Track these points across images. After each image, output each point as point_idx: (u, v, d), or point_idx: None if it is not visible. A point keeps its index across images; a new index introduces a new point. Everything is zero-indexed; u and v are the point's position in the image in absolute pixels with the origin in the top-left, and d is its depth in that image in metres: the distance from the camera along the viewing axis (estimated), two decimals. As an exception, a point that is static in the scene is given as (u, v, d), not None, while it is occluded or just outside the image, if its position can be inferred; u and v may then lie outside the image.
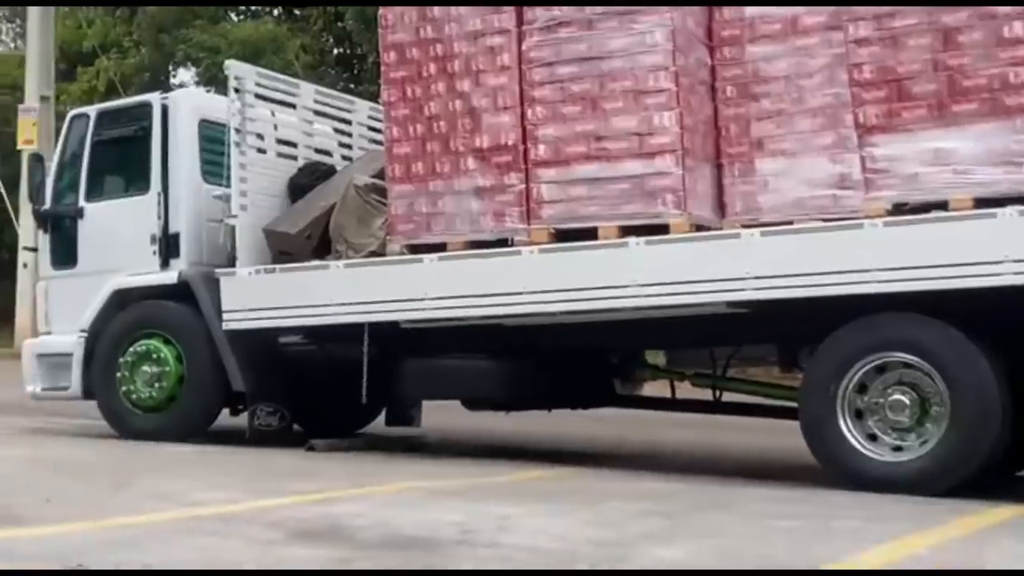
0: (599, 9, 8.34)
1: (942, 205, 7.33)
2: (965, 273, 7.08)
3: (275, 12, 25.77)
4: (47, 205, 10.90)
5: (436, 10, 9.00)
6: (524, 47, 8.62)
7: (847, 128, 7.78)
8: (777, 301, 7.72)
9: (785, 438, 8.52)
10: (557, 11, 8.51)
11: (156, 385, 10.00)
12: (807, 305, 7.64)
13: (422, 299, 8.87)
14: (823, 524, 6.15)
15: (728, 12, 8.33)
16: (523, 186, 8.60)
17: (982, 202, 7.18)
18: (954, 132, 7.35)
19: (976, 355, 7.19)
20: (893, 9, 7.52)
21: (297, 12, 24.64)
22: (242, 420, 10.15)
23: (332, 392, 9.93)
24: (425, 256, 8.91)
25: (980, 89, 7.29)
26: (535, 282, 8.42)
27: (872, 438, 7.52)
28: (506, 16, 8.70)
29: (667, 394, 9.94)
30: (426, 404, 10.85)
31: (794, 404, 8.14)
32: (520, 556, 5.02)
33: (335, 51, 22.96)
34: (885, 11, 7.56)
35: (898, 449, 7.47)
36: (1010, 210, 7.01)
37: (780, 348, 8.52)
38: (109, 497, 6.62)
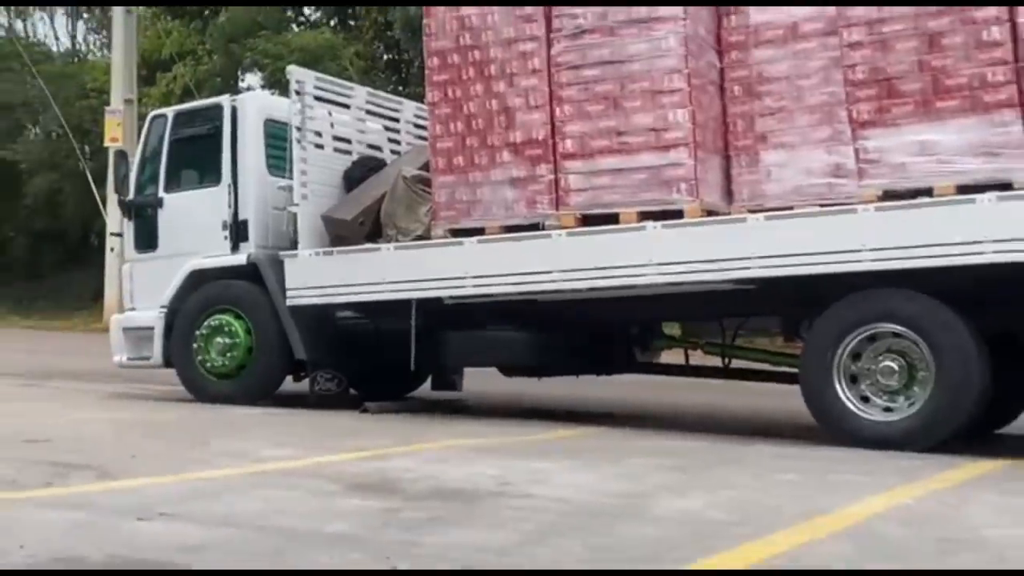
0: (620, 17, 8.32)
1: (927, 191, 7.30)
2: (948, 252, 7.06)
3: (331, 22, 25.78)
4: (131, 196, 10.96)
5: (474, 19, 8.99)
6: (553, 52, 8.60)
7: (842, 123, 7.73)
8: (780, 278, 7.70)
9: (788, 400, 8.51)
10: (582, 19, 8.49)
11: (228, 355, 10.07)
12: (806, 282, 7.63)
13: (463, 277, 8.90)
14: (822, 477, 6.16)
15: (735, 19, 8.29)
16: (552, 176, 8.60)
17: (963, 188, 7.14)
18: (938, 126, 7.31)
19: (957, 325, 7.17)
20: (883, 15, 7.48)
21: (351, 22, 24.65)
22: (304, 385, 10.22)
23: (383, 360, 9.95)
24: (466, 239, 8.92)
25: (961, 87, 7.24)
26: (564, 262, 8.43)
27: (865, 400, 7.52)
28: (536, 25, 8.69)
29: (682, 361, 9.95)
30: (467, 371, 10.90)
31: (795, 370, 8.12)
32: (551, 506, 5.05)
33: (385, 57, 22.95)
34: (876, 17, 7.51)
35: (888, 410, 7.46)
36: (988, 196, 6.98)
37: (783, 320, 8.53)
38: (186, 454, 6.70)
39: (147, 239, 10.79)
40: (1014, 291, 7.16)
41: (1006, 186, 7.01)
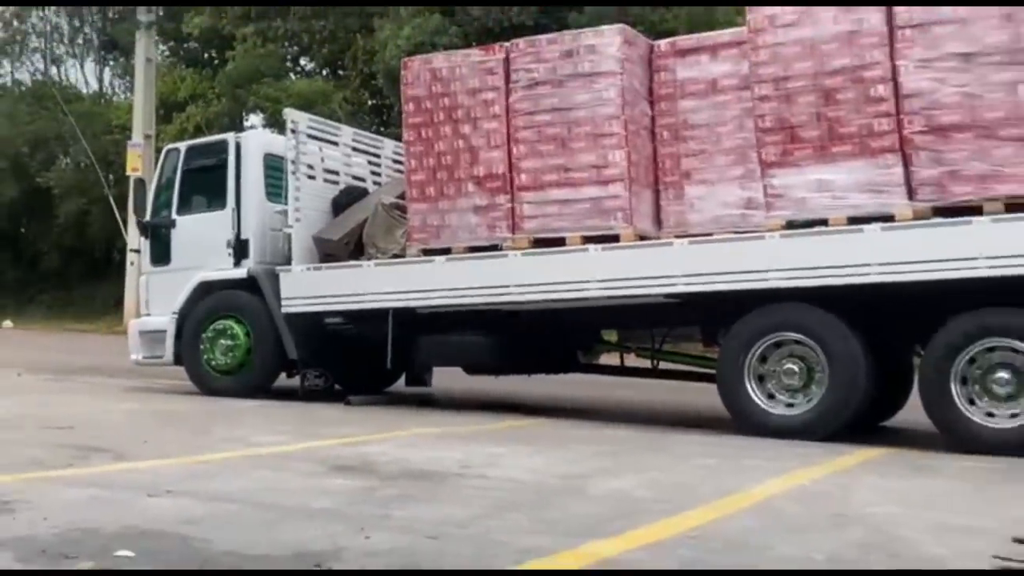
0: (568, 72, 8.36)
1: (824, 222, 7.37)
2: (840, 273, 7.14)
3: (324, 72, 25.78)
4: (148, 218, 10.90)
5: (444, 71, 9.00)
6: (511, 100, 8.63)
7: (753, 163, 7.79)
8: (700, 293, 7.76)
9: (706, 397, 8.56)
10: (536, 73, 8.52)
11: (230, 354, 10.03)
12: (722, 296, 7.67)
13: (433, 290, 8.89)
14: (734, 462, 6.20)
15: (664, 75, 8.34)
16: (510, 205, 8.62)
17: (853, 220, 7.22)
18: (833, 167, 7.38)
19: (848, 335, 7.25)
20: (788, 73, 7.55)
21: (341, 72, 24.65)
22: (295, 381, 10.18)
23: (364, 360, 9.92)
24: (436, 258, 8.93)
25: (852, 135, 7.32)
26: (519, 278, 8.45)
27: (771, 397, 7.57)
28: (497, 77, 8.71)
29: (618, 363, 9.98)
30: (436, 369, 10.89)
31: (713, 371, 8.17)
32: (505, 485, 5.07)
33: (369, 102, 22.93)
34: (782, 75, 7.58)
35: (790, 405, 7.51)
36: (874, 226, 7.08)
37: (703, 329, 8.54)
38: (192, 440, 6.66)
39: (161, 255, 10.71)
40: (895, 307, 7.26)
41: (889, 218, 7.12)
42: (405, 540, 3.71)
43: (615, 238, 8.09)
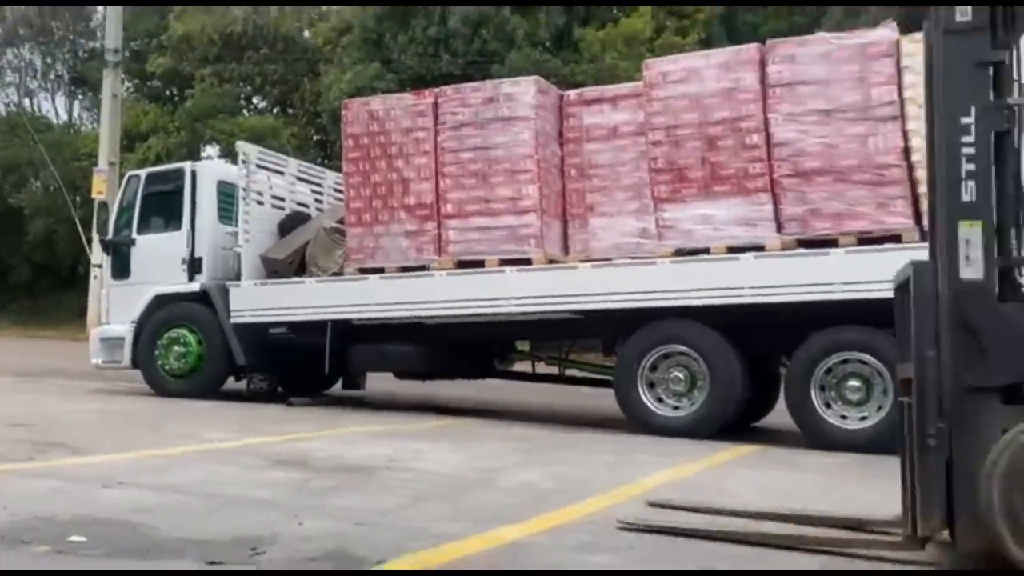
0: (489, 116, 8.40)
1: (706, 250, 7.52)
2: (720, 295, 7.27)
3: (274, 110, 25.48)
4: (110, 236, 10.64)
5: (381, 112, 8.96)
6: (439, 139, 8.64)
7: (647, 199, 7.89)
8: (601, 310, 7.84)
9: (605, 400, 8.63)
10: (461, 116, 8.55)
11: (183, 360, 9.81)
12: (620, 313, 7.77)
13: (368, 304, 8.83)
14: (628, 457, 6.25)
15: (572, 121, 8.42)
16: (436, 231, 8.61)
17: (731, 249, 7.37)
18: (714, 204, 7.52)
19: (726, 347, 7.38)
20: (678, 122, 7.69)
21: (289, 110, 24.43)
22: (242, 385, 10.04)
23: (305, 366, 9.75)
24: (370, 276, 8.86)
25: (731, 176, 7.48)
26: (444, 295, 8.43)
27: (660, 400, 7.66)
28: (427, 119, 8.71)
29: (529, 370, 10.01)
30: (369, 374, 10.81)
31: (611, 378, 8.24)
32: (427, 478, 5.03)
33: (315, 137, 22.75)
34: (672, 123, 7.72)
35: (676, 408, 7.61)
36: (748, 255, 7.24)
37: (603, 341, 8.56)
38: (146, 436, 6.48)
39: (121, 270, 10.44)
40: (765, 324, 7.41)
41: (760, 248, 7.28)
42: (335, 526, 3.67)
43: (528, 261, 8.13)
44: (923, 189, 6.96)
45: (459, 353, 9.31)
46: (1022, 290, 3.47)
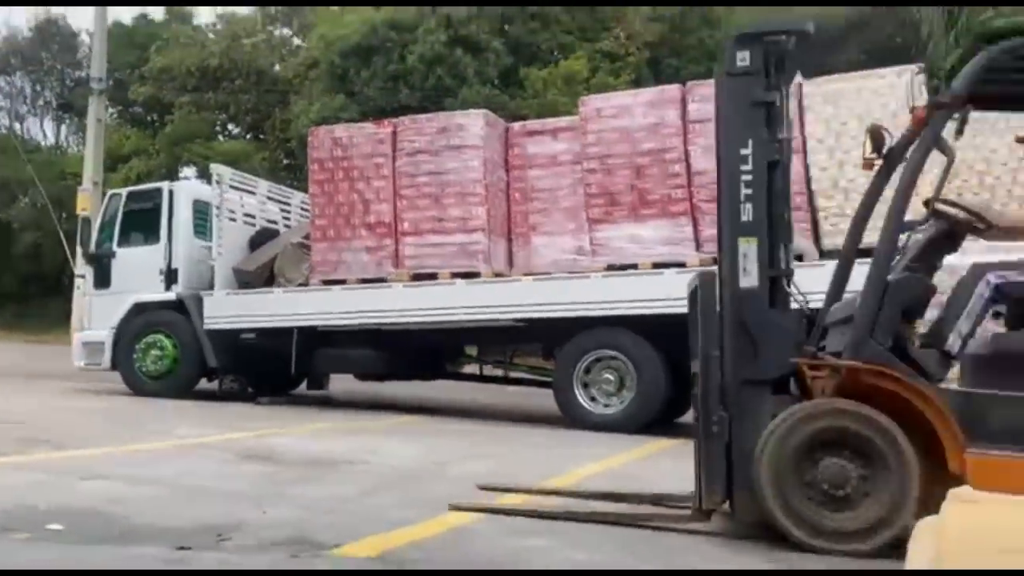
0: (442, 144, 8.41)
1: (634, 266, 7.60)
2: (646, 306, 7.35)
3: (247, 136, 25.12)
4: (92, 249, 10.37)
5: (344, 139, 8.93)
6: (397, 164, 8.63)
7: (583, 220, 7.98)
8: (541, 319, 7.87)
9: (545, 400, 8.66)
10: (417, 144, 8.55)
11: (160, 362, 9.61)
12: (558, 322, 7.81)
13: (331, 313, 8.75)
14: (566, 450, 6.28)
15: (517, 150, 8.48)
16: (394, 247, 8.59)
17: (657, 265, 7.47)
18: (642, 225, 7.63)
19: (651, 352, 7.46)
20: (609, 152, 7.77)
21: (261, 136, 24.08)
22: (214, 385, 9.87)
23: (273, 367, 9.65)
24: (333, 287, 8.80)
25: (656, 201, 7.59)
26: (400, 304, 8.40)
27: (593, 400, 7.71)
28: (386, 145, 8.70)
29: (477, 371, 10.00)
30: (332, 375, 10.69)
31: (551, 379, 8.28)
32: (383, 470, 4.99)
33: (284, 161, 22.46)
34: (605, 153, 7.80)
35: (608, 406, 7.67)
36: (671, 271, 7.30)
37: (543, 346, 8.62)
38: (124, 433, 6.31)
39: (103, 280, 10.20)
40: (685, 331, 7.47)
41: (682, 264, 7.37)
42: (297, 514, 3.61)
43: (477, 274, 8.14)
44: (822, 215, 7.14)
45: (414, 357, 9.26)
46: (788, 297, 3.65)
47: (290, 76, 22.93)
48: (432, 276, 8.36)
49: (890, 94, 6.87)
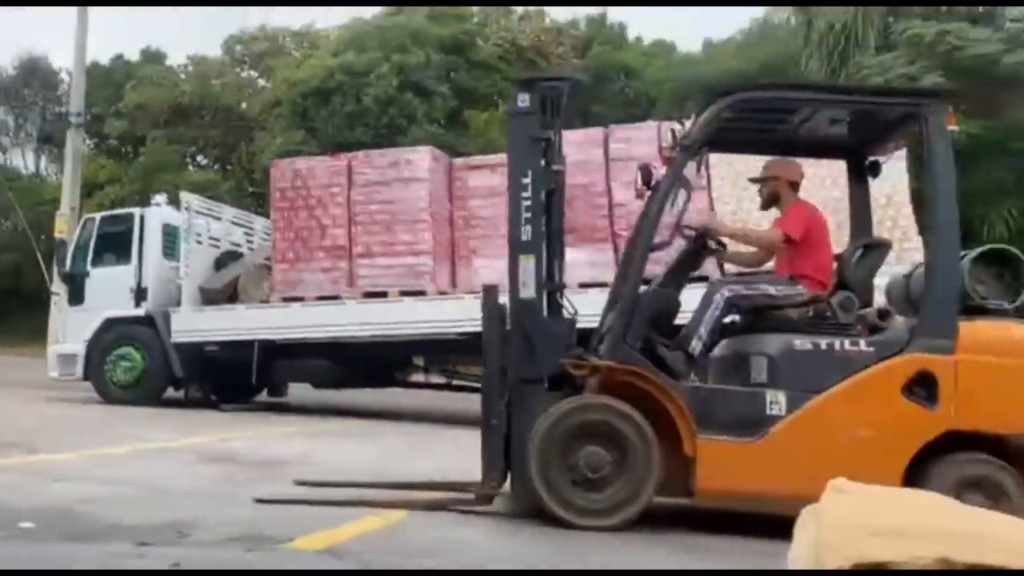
0: (391, 176, 8.39)
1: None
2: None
3: (215, 167, 24.62)
4: (67, 269, 10.01)
5: (304, 170, 8.86)
6: (352, 193, 8.58)
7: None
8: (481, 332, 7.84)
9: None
10: (370, 176, 8.51)
11: (129, 373, 9.27)
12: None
13: (290, 327, 8.61)
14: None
15: (460, 183, 8.49)
16: (348, 268, 8.51)
17: (582, 285, 7.19)
18: (569, 249, 7.37)
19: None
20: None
21: (228, 167, 23.65)
22: (180, 394, 9.60)
23: (235, 377, 9.40)
24: (292, 304, 8.66)
25: (582, 228, 7.60)
26: (353, 320, 8.31)
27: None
28: (343, 176, 8.65)
29: (424, 380, 9.89)
30: (290, 384, 10.48)
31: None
32: (333, 468, 4.88)
33: (249, 190, 22.08)
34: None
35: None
36: (594, 290, 7.15)
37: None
38: (95, 437, 6.06)
39: (77, 297, 9.83)
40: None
41: (605, 285, 7.36)
42: (253, 511, 3.52)
43: (423, 293, 8.11)
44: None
45: (366, 367, 9.14)
46: (561, 306, 3.83)
47: (255, 113, 22.61)
48: (383, 294, 8.29)
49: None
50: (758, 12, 20.86)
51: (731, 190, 7.29)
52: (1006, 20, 14.21)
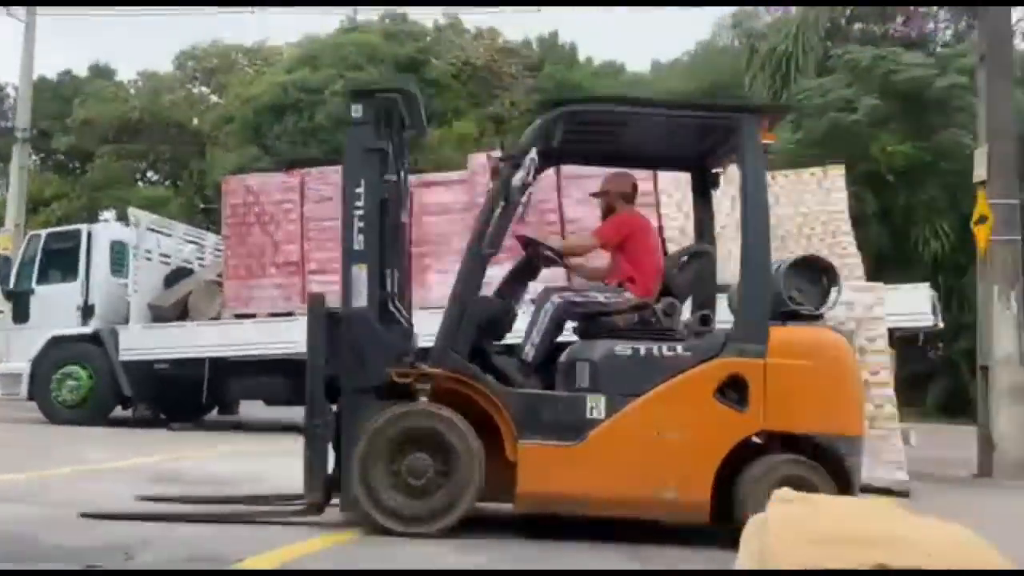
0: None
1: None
2: (519, 333, 7.39)
3: (166, 183, 24.13)
4: (11, 287, 9.65)
5: (256, 187, 8.75)
6: (304, 210, 8.50)
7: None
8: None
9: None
10: (323, 192, 8.43)
11: (75, 392, 8.98)
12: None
13: (242, 344, 8.45)
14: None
15: (414, 199, 8.43)
16: (302, 283, 8.40)
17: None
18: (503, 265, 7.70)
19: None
20: (494, 202, 7.81)
21: (178, 184, 23.21)
22: (128, 413, 9.37)
23: (185, 395, 9.17)
24: (245, 320, 8.51)
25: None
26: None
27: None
28: (295, 193, 8.57)
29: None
30: (242, 401, 10.27)
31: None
32: (280, 486, 4.63)
33: (201, 206, 21.70)
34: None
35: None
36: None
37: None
38: (39, 459, 5.81)
39: (22, 315, 9.50)
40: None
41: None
42: (203, 531, 3.43)
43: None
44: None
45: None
46: (394, 315, 3.79)
47: (207, 129, 22.27)
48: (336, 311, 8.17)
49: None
50: (704, 35, 21.38)
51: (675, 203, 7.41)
52: (937, 46, 14.83)
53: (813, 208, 7.20)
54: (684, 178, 7.46)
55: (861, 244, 7.85)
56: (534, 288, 4.27)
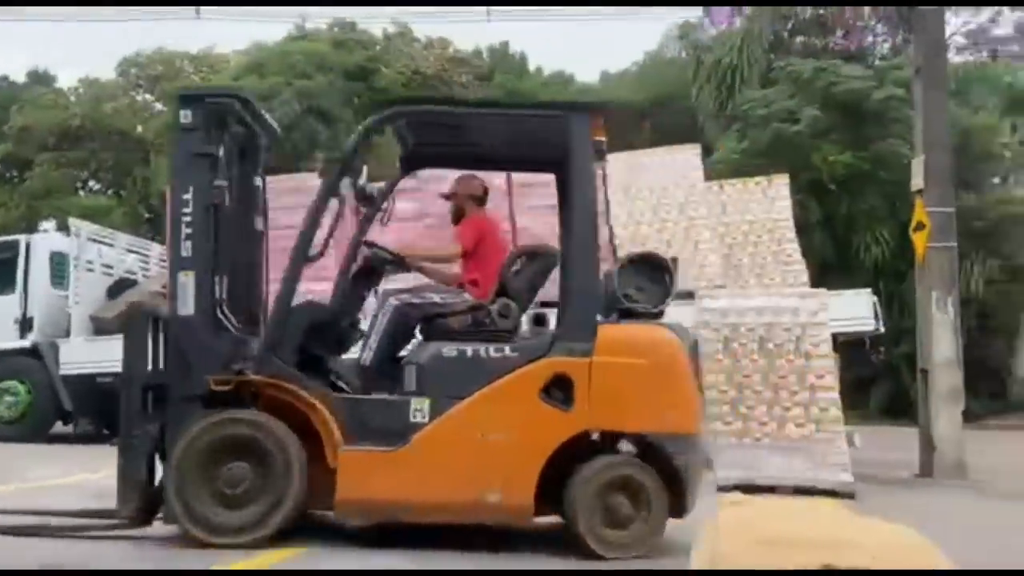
0: (294, 203, 8.12)
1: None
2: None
3: (108, 192, 23.45)
4: (-57, 299, 9.30)
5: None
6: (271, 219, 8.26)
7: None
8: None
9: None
10: (271, 202, 8.21)
11: (12, 408, 8.68)
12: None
13: (189, 357, 8.23)
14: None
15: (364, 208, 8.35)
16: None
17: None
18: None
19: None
20: (428, 212, 7.74)
21: (122, 193, 22.57)
22: (69, 428, 9.14)
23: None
24: (191, 333, 8.29)
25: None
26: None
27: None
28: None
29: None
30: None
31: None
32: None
33: (146, 215, 21.14)
34: (443, 211, 7.78)
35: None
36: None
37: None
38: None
39: (-43, 329, 9.15)
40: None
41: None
42: (153, 550, 3.34)
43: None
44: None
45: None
46: (222, 322, 3.67)
47: (151, 137, 21.72)
48: (287, 321, 8.02)
49: (675, 167, 7.34)
50: (652, 46, 21.71)
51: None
52: (875, 59, 15.35)
53: (759, 216, 7.37)
54: (632, 186, 7.61)
55: (805, 251, 8.07)
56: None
